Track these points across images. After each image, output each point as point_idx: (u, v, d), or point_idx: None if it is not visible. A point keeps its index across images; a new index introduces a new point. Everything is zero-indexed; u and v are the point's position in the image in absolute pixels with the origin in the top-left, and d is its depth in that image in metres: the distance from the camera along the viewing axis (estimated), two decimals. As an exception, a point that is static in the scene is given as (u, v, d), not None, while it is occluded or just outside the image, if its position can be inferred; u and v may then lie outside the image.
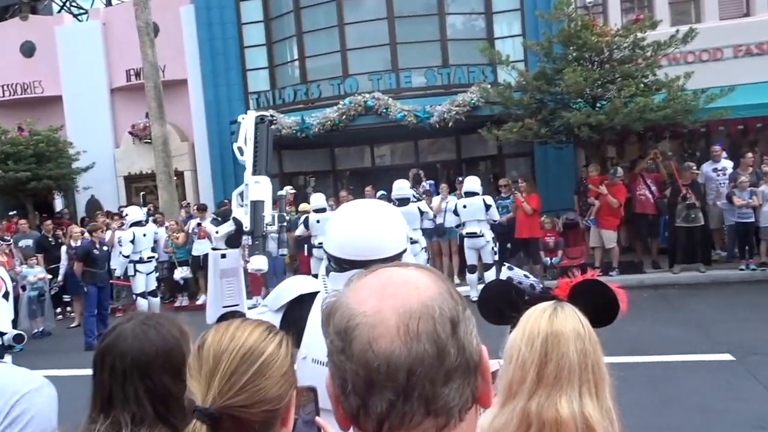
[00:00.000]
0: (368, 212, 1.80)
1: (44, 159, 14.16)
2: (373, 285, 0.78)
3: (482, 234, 9.45)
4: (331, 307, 0.79)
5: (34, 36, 16.64)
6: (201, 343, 1.05)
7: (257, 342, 1.04)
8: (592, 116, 10.08)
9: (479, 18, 14.13)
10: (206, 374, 1.00)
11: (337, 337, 0.76)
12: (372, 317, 0.74)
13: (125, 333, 1.37)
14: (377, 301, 0.75)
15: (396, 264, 0.83)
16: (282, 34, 14.67)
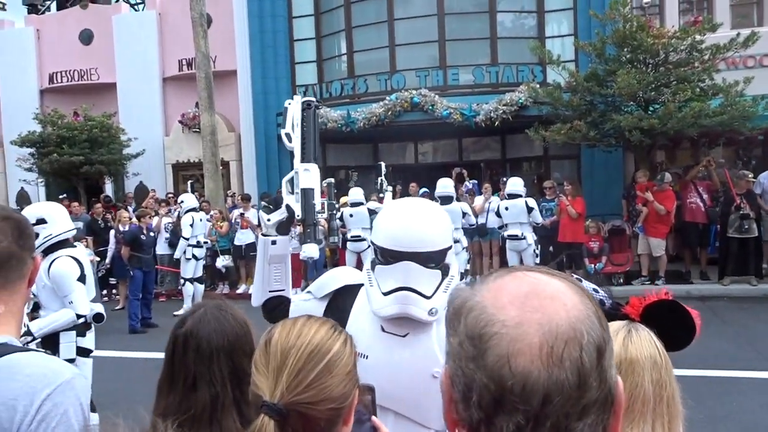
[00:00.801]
0: (416, 207, 1.82)
1: (97, 144, 14.60)
2: (514, 291, 0.72)
3: (524, 237, 9.34)
4: (464, 304, 0.74)
5: (93, 24, 17.15)
6: (268, 338, 1.06)
7: (324, 340, 1.05)
8: (644, 120, 9.81)
9: (529, 16, 13.90)
10: (274, 370, 1.01)
11: (468, 341, 0.71)
12: (513, 329, 0.69)
13: (206, 317, 1.43)
14: (519, 312, 0.70)
15: (538, 269, 0.77)
16: (331, 28, 14.75)
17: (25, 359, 1.19)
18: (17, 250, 1.28)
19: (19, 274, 1.29)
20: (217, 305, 1.50)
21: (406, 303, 1.70)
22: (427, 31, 13.60)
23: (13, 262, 1.27)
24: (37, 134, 14.85)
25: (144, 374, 6.70)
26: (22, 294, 1.32)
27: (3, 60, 17.65)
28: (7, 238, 1.26)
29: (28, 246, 1.31)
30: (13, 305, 1.29)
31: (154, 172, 16.35)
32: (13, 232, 1.27)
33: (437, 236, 1.74)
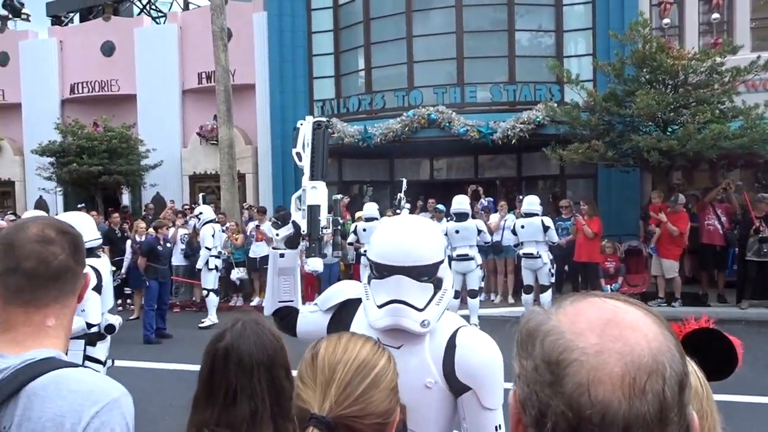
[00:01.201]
0: (408, 224, 1.90)
1: (116, 155, 14.78)
2: (593, 318, 0.71)
3: (539, 255, 9.27)
4: (539, 327, 0.74)
5: (115, 36, 17.43)
6: (314, 353, 1.08)
7: (369, 355, 1.07)
8: (662, 141, 9.77)
9: (547, 35, 13.95)
10: (322, 383, 1.02)
11: (545, 366, 0.70)
12: (593, 357, 0.68)
13: (246, 332, 1.45)
14: (599, 339, 0.69)
15: (615, 296, 0.76)
16: (350, 44, 14.87)
17: (73, 375, 1.19)
18: (73, 265, 1.30)
19: (72, 288, 1.31)
20: (254, 320, 1.52)
21: (398, 315, 1.75)
22: (446, 48, 13.68)
23: (69, 276, 1.29)
24: (58, 144, 15.06)
25: (158, 385, 6.72)
26: (72, 308, 1.33)
27: (26, 70, 17.98)
28: (65, 251, 1.28)
29: (82, 261, 1.34)
30: (63, 318, 1.30)
31: (171, 183, 16.49)
32: (69, 246, 1.30)
33: (427, 251, 1.80)
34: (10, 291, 1.25)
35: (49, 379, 1.16)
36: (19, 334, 1.23)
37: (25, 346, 1.22)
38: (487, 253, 10.62)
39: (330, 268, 10.95)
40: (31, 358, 1.20)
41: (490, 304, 10.81)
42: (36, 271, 1.25)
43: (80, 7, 19.94)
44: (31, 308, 1.25)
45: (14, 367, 1.17)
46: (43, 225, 1.31)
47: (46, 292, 1.26)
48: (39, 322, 1.25)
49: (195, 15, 17.19)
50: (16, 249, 1.26)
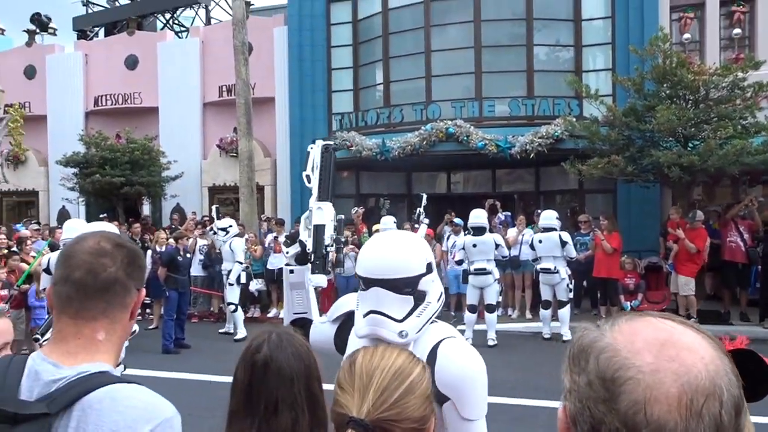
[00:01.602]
0: (389, 239, 1.97)
1: (138, 166, 14.99)
2: (649, 337, 0.72)
3: (557, 270, 9.23)
4: (593, 344, 0.75)
5: (138, 50, 17.75)
6: (352, 360, 1.14)
7: (405, 363, 1.12)
8: (683, 156, 9.69)
9: (565, 50, 13.94)
10: (360, 388, 1.07)
11: (599, 382, 0.71)
12: (648, 376, 0.69)
13: (282, 343, 1.48)
14: (655, 359, 0.70)
15: (671, 317, 0.77)
16: (369, 58, 15.00)
17: (128, 391, 1.20)
18: (123, 278, 1.29)
19: (121, 302, 1.29)
20: (287, 331, 1.55)
21: (376, 325, 1.83)
22: (464, 62, 13.73)
23: (117, 289, 1.28)
24: (81, 155, 15.32)
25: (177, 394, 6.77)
26: (123, 324, 1.31)
27: (52, 83, 18.37)
28: (116, 264, 1.28)
29: (136, 277, 1.33)
30: (113, 334, 1.29)
31: (191, 194, 16.68)
32: (123, 259, 1.29)
33: (406, 264, 1.86)
34: (62, 300, 1.26)
35: (104, 393, 1.17)
36: (71, 346, 1.24)
37: (78, 358, 1.22)
38: (505, 267, 10.59)
39: (347, 281, 10.98)
40: (85, 371, 1.20)
41: (507, 319, 10.75)
42: (84, 281, 1.25)
43: (106, 21, 20.36)
44: (81, 320, 1.25)
45: (69, 378, 1.18)
46: (101, 237, 1.32)
47: (93, 303, 1.26)
48: (89, 335, 1.25)
49: (217, 29, 17.45)
50: (71, 259, 1.28)
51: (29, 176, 18.48)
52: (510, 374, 7.33)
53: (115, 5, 20.32)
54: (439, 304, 1.93)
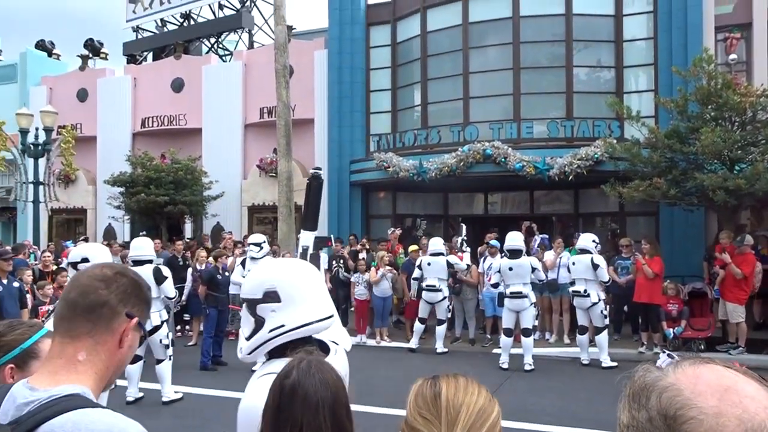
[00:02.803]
0: (268, 262, 2.10)
1: (181, 186, 15.39)
2: (712, 382, 0.75)
3: (587, 294, 9.03)
4: (655, 382, 0.77)
5: (184, 73, 18.34)
6: (436, 392, 1.18)
7: (486, 402, 1.17)
8: (729, 180, 9.42)
9: (605, 70, 13.78)
10: (447, 423, 1.13)
11: (660, 419, 0.74)
12: (711, 418, 0.71)
13: (311, 370, 1.49)
14: (718, 402, 0.72)
15: (734, 367, 0.80)
16: (407, 80, 15.13)
17: (92, 415, 1.19)
18: (114, 302, 1.30)
19: (106, 325, 1.29)
20: (317, 359, 1.56)
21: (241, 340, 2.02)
22: (502, 84, 13.71)
23: (105, 311, 1.29)
24: (128, 175, 15.83)
25: (215, 411, 6.85)
26: (108, 348, 1.30)
27: (102, 105, 19.12)
28: (109, 288, 1.31)
29: (129, 303, 1.33)
30: (95, 356, 1.28)
31: (230, 213, 17.02)
32: (119, 286, 1.32)
33: (248, 287, 1.98)
34: (57, 319, 1.31)
35: (67, 418, 1.17)
36: (54, 365, 1.26)
37: (57, 380, 1.23)
38: (542, 290, 10.43)
39: (384, 301, 10.99)
40: (57, 394, 1.20)
41: (544, 343, 10.55)
42: (75, 301, 1.29)
43: (154, 46, 21.14)
44: (66, 339, 1.27)
45: (41, 401, 1.19)
46: (108, 266, 1.38)
47: (79, 323, 1.28)
48: (71, 354, 1.26)
49: (259, 53, 17.90)
50: (73, 282, 1.35)
51: (78, 195, 19.18)
52: (547, 400, 7.17)
53: (163, 30, 21.06)
54: (273, 336, 1.88)
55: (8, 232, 22.00)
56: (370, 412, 6.29)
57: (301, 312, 1.91)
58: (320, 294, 2.01)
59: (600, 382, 8.37)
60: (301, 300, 1.92)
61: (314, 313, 1.92)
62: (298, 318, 1.90)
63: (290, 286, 1.93)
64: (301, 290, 1.94)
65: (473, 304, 10.87)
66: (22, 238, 17.36)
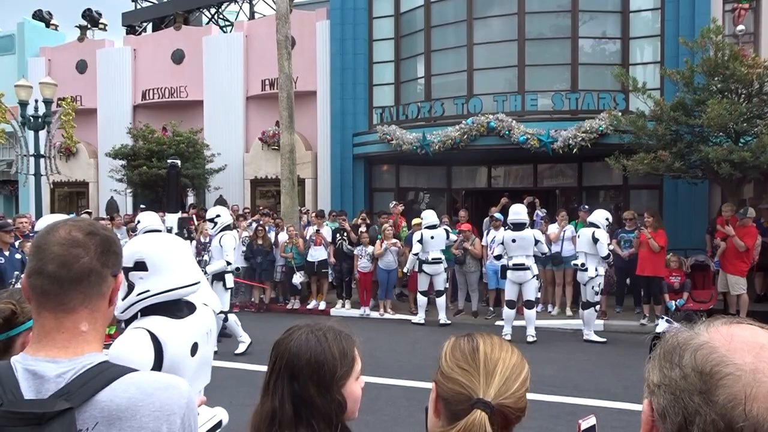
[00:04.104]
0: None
1: (183, 158, 15.28)
2: (746, 339, 0.75)
3: (585, 268, 9.08)
4: (688, 341, 0.77)
5: (184, 45, 18.13)
6: (474, 346, 1.26)
7: (519, 359, 1.26)
8: (734, 152, 9.37)
9: (611, 42, 13.61)
10: (485, 374, 1.21)
11: (696, 375, 0.74)
12: (748, 375, 0.71)
13: (303, 337, 1.51)
14: (754, 359, 0.72)
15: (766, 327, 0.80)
16: (411, 51, 14.96)
17: (146, 377, 1.26)
18: (98, 267, 1.27)
19: (98, 291, 1.27)
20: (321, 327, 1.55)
21: None
22: (506, 55, 13.55)
23: (93, 278, 1.26)
24: (129, 147, 15.76)
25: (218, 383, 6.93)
26: (103, 313, 1.30)
27: (102, 77, 18.95)
28: (89, 254, 1.26)
29: (111, 263, 1.30)
30: (95, 323, 1.28)
31: (233, 186, 16.99)
32: (96, 248, 1.27)
33: (124, 256, 2.10)
34: (37, 293, 1.24)
35: (126, 382, 1.20)
36: (57, 341, 1.23)
37: (74, 351, 1.23)
38: (546, 263, 10.46)
39: (388, 274, 11.04)
40: (89, 362, 1.21)
41: (546, 315, 10.62)
42: (58, 274, 1.23)
43: (153, 17, 20.85)
44: (61, 314, 1.24)
45: (76, 371, 1.19)
46: (71, 227, 1.28)
47: (71, 295, 1.24)
48: (72, 327, 1.24)
49: (260, 24, 17.67)
50: (43, 251, 1.25)
51: (80, 168, 19.13)
52: (549, 371, 7.25)
53: (162, 1, 20.77)
54: (140, 299, 2.24)
55: (10, 205, 22.01)
56: (373, 382, 6.35)
57: (165, 280, 2.25)
58: (185, 264, 2.35)
59: (600, 354, 8.46)
60: (166, 269, 2.26)
61: (178, 281, 2.27)
62: (163, 285, 2.25)
63: (156, 257, 2.26)
64: (167, 261, 2.27)
65: (476, 276, 10.91)
66: (24, 211, 17.37)
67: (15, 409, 1.12)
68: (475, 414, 1.15)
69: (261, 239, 11.68)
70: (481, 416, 1.15)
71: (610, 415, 5.63)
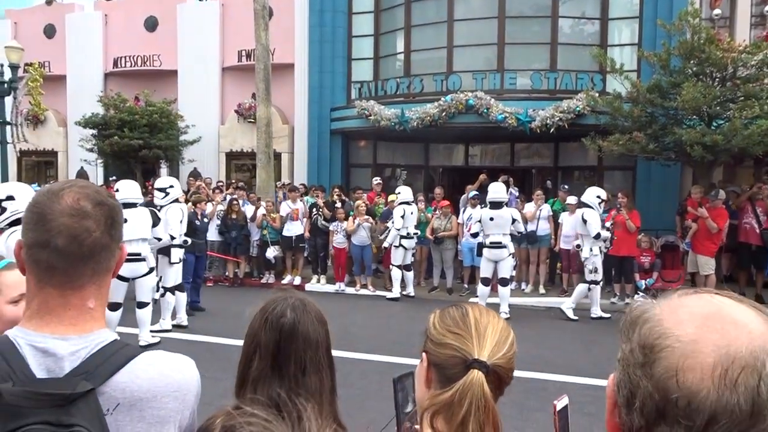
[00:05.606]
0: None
1: (156, 129, 15.03)
2: (696, 309, 0.74)
3: (580, 249, 9.29)
4: (641, 315, 0.77)
5: (158, 11, 17.65)
6: (464, 312, 1.30)
7: (505, 324, 1.31)
8: (707, 135, 9.52)
9: (590, 23, 13.64)
10: (477, 337, 1.24)
11: (639, 350, 0.74)
12: (685, 345, 0.70)
13: (306, 308, 1.53)
14: (696, 330, 0.71)
15: (729, 294, 0.77)
16: (390, 26, 14.79)
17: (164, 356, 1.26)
18: (108, 241, 1.19)
19: (107, 267, 1.21)
20: (302, 296, 1.57)
21: None
22: (486, 33, 13.50)
23: (103, 254, 1.19)
24: (100, 116, 15.37)
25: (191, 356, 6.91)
26: (107, 287, 1.24)
27: (71, 43, 18.38)
28: (100, 227, 1.17)
29: (118, 236, 1.23)
30: (100, 298, 1.22)
31: (208, 159, 16.74)
32: (106, 220, 1.19)
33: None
34: (41, 267, 1.15)
35: (145, 362, 1.19)
36: (63, 318, 1.16)
37: (83, 328, 1.17)
38: (520, 241, 10.57)
39: (362, 250, 11.03)
40: (101, 342, 1.17)
41: (520, 293, 10.77)
42: (68, 249, 1.14)
43: (125, -19, 20.19)
44: (68, 290, 1.16)
45: (90, 349, 1.15)
46: (79, 195, 1.17)
47: (80, 272, 1.16)
48: (79, 304, 1.17)
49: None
50: (49, 222, 1.14)
51: (48, 136, 18.63)
52: (521, 348, 7.28)
53: (135, -35, 20.11)
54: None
55: (-25, 173, 21.39)
56: (346, 357, 6.38)
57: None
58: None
59: (572, 332, 8.62)
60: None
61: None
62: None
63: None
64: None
65: (452, 254, 10.98)
66: (-9, 179, 16.90)
67: (37, 389, 1.06)
68: (472, 374, 1.19)
69: (235, 213, 11.56)
70: (479, 375, 1.19)
71: (579, 390, 5.76)
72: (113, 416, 1.11)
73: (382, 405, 5.44)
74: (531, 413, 5.21)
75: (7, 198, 4.49)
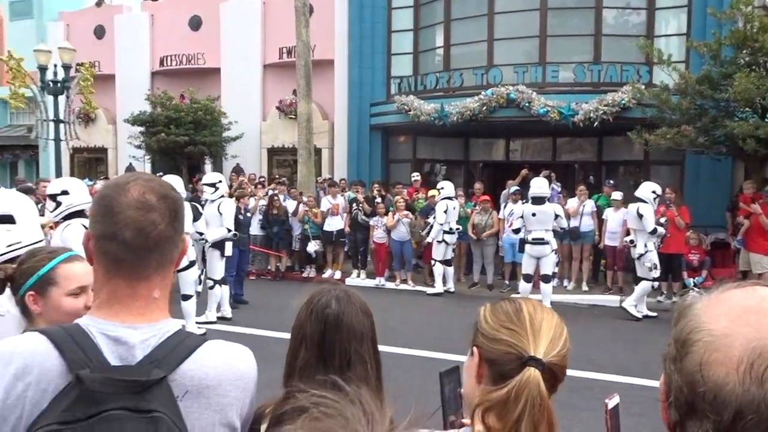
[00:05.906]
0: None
1: (200, 126, 15.35)
2: (734, 303, 0.72)
3: (634, 244, 9.04)
4: (683, 310, 0.77)
5: (202, 11, 17.98)
6: (518, 307, 1.28)
7: (559, 319, 1.29)
8: (760, 128, 9.16)
9: (635, 13, 13.26)
10: (532, 333, 1.22)
11: (675, 344, 0.74)
12: (716, 340, 0.69)
13: (351, 299, 1.54)
14: (729, 324, 0.69)
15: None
16: (430, 20, 14.71)
17: (226, 344, 1.31)
18: (173, 234, 1.22)
19: (170, 258, 1.24)
20: (347, 288, 1.58)
21: None
22: (528, 25, 13.28)
23: (168, 246, 1.22)
24: (148, 114, 15.78)
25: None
26: (170, 278, 1.27)
27: (119, 43, 18.90)
28: (165, 220, 1.20)
29: (181, 228, 1.25)
30: (165, 289, 1.25)
31: (250, 155, 17.00)
32: (170, 213, 1.21)
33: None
34: (109, 259, 1.19)
35: (209, 352, 1.22)
36: (132, 308, 1.19)
37: (151, 317, 1.21)
38: (563, 237, 10.39)
39: (401, 245, 11.04)
40: (168, 330, 1.20)
41: (563, 290, 10.60)
42: (135, 241, 1.17)
43: (170, -18, 20.62)
44: (135, 281, 1.20)
45: (159, 337, 1.18)
46: (144, 188, 1.20)
47: (146, 263, 1.20)
48: (145, 295, 1.21)
49: (278, -10, 17.43)
50: (114, 215, 1.18)
51: (99, 134, 19.24)
52: (564, 345, 7.25)
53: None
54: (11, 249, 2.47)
55: (31, 170, 22.25)
56: (387, 351, 6.39)
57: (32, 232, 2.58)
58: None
59: (616, 330, 8.44)
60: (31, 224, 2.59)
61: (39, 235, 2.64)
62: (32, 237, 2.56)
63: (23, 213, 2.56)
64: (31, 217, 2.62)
65: (492, 249, 10.89)
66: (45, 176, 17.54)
67: (117, 376, 1.10)
68: (528, 371, 1.17)
69: (276, 208, 11.72)
70: (535, 373, 1.17)
71: (625, 389, 5.63)
72: (183, 403, 1.15)
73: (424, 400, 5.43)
74: (577, 413, 5.12)
75: (62, 192, 4.67)
